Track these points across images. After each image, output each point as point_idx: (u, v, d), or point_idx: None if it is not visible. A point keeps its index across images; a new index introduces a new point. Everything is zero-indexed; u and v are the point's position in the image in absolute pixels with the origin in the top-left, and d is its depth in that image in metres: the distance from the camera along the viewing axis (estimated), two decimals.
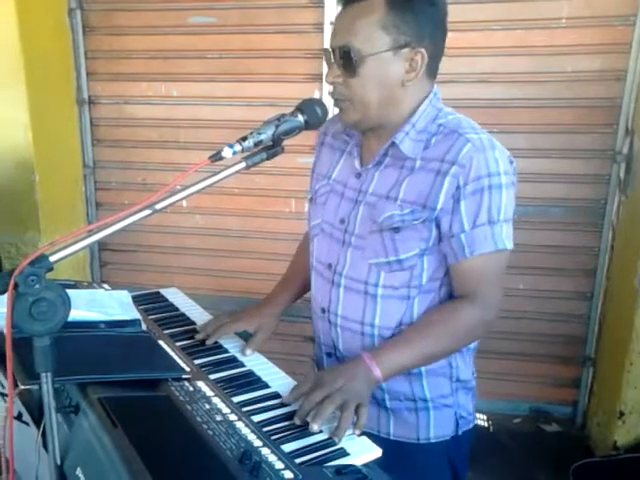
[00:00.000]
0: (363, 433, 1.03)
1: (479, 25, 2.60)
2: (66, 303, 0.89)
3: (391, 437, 1.31)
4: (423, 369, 1.26)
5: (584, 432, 2.84)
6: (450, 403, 1.30)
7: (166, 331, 1.39)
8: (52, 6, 2.86)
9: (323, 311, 1.33)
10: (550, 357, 2.85)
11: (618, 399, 2.48)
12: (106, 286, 1.59)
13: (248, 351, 1.31)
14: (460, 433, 1.32)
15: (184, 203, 3.11)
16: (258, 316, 1.41)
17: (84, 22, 2.97)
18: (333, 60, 1.15)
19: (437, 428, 1.30)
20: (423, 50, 1.15)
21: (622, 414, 2.48)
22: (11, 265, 2.92)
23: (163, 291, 1.67)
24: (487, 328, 1.23)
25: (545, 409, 2.96)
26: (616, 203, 2.65)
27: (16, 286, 0.84)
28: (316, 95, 2.82)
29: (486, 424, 2.78)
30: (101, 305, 1.32)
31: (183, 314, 1.52)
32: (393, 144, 1.21)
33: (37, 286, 0.84)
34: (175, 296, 1.65)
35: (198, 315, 1.52)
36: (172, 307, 1.56)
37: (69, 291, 0.94)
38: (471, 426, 1.35)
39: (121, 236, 3.22)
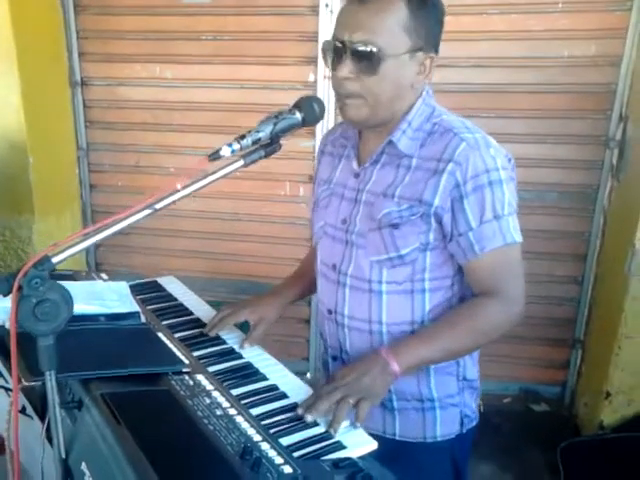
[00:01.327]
0: (369, 434, 1.05)
1: (475, 9, 2.58)
2: (69, 302, 0.90)
3: (397, 437, 1.33)
4: (432, 368, 1.27)
5: (572, 412, 2.91)
6: (456, 402, 1.32)
7: (164, 322, 1.41)
8: None
9: (330, 312, 1.34)
10: (540, 339, 2.90)
11: (605, 380, 2.54)
12: (104, 276, 1.60)
13: (246, 344, 1.33)
14: (465, 431, 1.35)
15: (178, 186, 3.10)
16: (261, 305, 1.42)
17: (75, 1, 2.92)
18: (344, 55, 1.13)
19: (443, 427, 1.32)
20: (433, 54, 1.18)
21: (609, 395, 2.54)
22: (4, 247, 2.93)
23: (160, 280, 1.69)
24: (515, 323, 1.21)
25: (534, 389, 3.02)
26: (608, 189, 2.67)
27: (20, 288, 0.85)
28: (310, 78, 2.81)
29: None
30: (100, 297, 1.33)
31: (181, 304, 1.54)
32: (390, 142, 1.22)
33: (41, 288, 0.86)
34: (172, 285, 1.67)
35: (195, 305, 1.54)
36: (170, 297, 1.58)
37: (68, 283, 0.95)
38: (474, 424, 1.37)
39: None
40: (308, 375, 3.18)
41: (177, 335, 1.35)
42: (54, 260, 0.89)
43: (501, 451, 2.63)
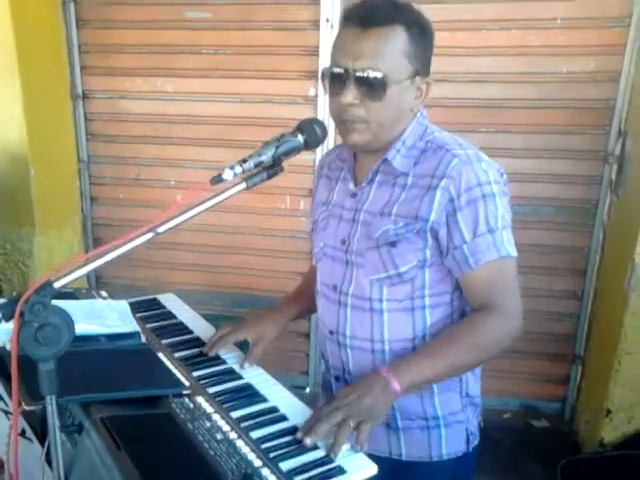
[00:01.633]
0: (374, 456, 1.04)
1: (475, 25, 2.60)
2: (70, 326, 0.90)
3: (403, 458, 1.32)
4: (435, 386, 1.27)
5: (572, 428, 2.90)
6: (461, 419, 1.32)
7: (164, 341, 1.41)
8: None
9: (332, 333, 1.34)
10: (540, 354, 2.89)
11: (606, 397, 2.53)
12: (104, 293, 1.60)
13: (246, 365, 1.32)
14: (471, 450, 1.34)
15: (179, 199, 3.11)
16: (261, 324, 1.42)
17: (77, 15, 2.95)
18: (348, 81, 1.14)
19: (449, 445, 1.31)
20: (429, 79, 1.20)
21: (609, 412, 2.53)
22: (5, 260, 2.93)
23: (160, 297, 1.69)
24: (514, 337, 1.20)
25: (534, 405, 3.01)
26: (607, 204, 2.68)
27: (22, 314, 0.85)
28: (311, 93, 2.82)
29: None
30: (100, 317, 1.33)
31: (181, 322, 1.54)
32: (385, 160, 1.24)
33: (43, 313, 0.86)
34: (172, 302, 1.67)
35: (195, 323, 1.54)
36: (170, 315, 1.58)
37: (68, 302, 0.95)
38: (477, 442, 1.37)
39: (116, 230, 3.23)
40: (307, 389, 3.17)
41: (177, 355, 1.35)
42: (56, 285, 0.89)
43: (501, 467, 2.62)
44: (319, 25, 2.70)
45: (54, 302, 0.88)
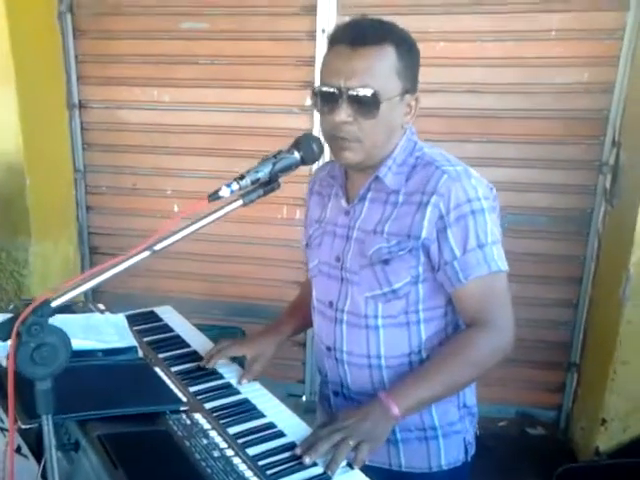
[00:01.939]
0: (374, 468, 1.06)
1: (470, 36, 2.62)
2: (67, 346, 0.90)
3: (403, 469, 1.33)
4: None
5: (568, 436, 2.91)
6: (459, 429, 1.33)
7: (161, 355, 1.41)
8: (42, 10, 2.84)
9: (329, 349, 1.35)
10: (536, 362, 2.90)
11: (601, 406, 2.54)
12: (101, 306, 1.60)
13: (244, 381, 1.33)
14: (469, 459, 1.36)
15: (176, 208, 3.12)
16: (259, 342, 1.42)
17: (74, 25, 2.95)
18: (340, 100, 1.15)
19: (448, 456, 1.32)
20: (418, 95, 1.22)
21: (605, 421, 2.54)
22: (0, 270, 2.92)
23: (157, 310, 1.69)
24: (506, 351, 1.21)
25: (530, 413, 3.02)
26: (602, 213, 2.70)
27: (19, 334, 0.85)
28: (307, 102, 2.83)
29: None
30: (97, 332, 1.33)
31: (178, 336, 1.54)
32: (377, 178, 1.25)
33: (40, 334, 0.86)
34: (169, 315, 1.67)
35: (192, 336, 1.54)
36: (167, 328, 1.58)
37: (65, 317, 0.96)
38: (474, 451, 1.38)
39: (112, 240, 3.24)
40: (304, 398, 3.17)
41: (174, 369, 1.35)
42: (53, 304, 0.89)
43: (497, 475, 2.61)
44: (315, 36, 2.71)
45: (51, 319, 0.88)
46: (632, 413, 2.51)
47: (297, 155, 1.13)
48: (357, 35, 1.15)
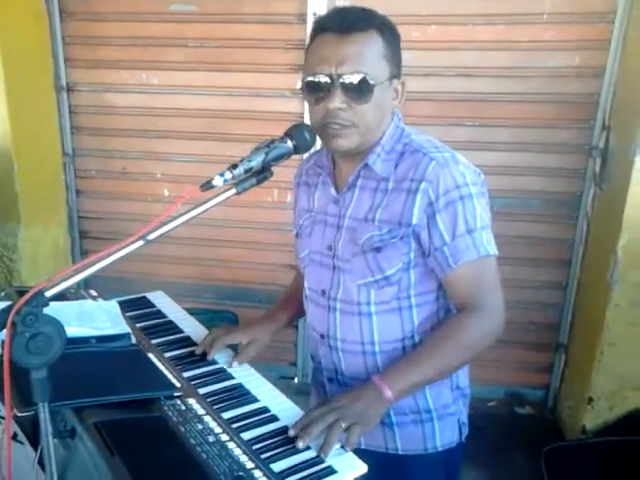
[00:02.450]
0: (371, 452, 1.08)
1: (462, 19, 2.61)
2: (62, 335, 0.91)
3: (399, 452, 1.35)
4: None
5: (555, 415, 2.97)
6: (453, 411, 1.36)
7: (154, 340, 1.42)
8: None
9: (322, 337, 1.36)
10: (525, 343, 2.94)
11: (588, 386, 2.59)
12: (93, 292, 1.60)
13: (235, 363, 1.33)
14: (463, 439, 1.39)
15: (166, 192, 3.11)
16: (254, 329, 1.43)
17: (61, 7, 2.91)
18: (333, 87, 1.15)
19: (443, 437, 1.35)
20: (404, 80, 1.24)
21: (591, 400, 2.59)
22: None
23: (149, 295, 1.69)
24: (496, 335, 1.23)
25: (519, 392, 3.08)
26: (591, 197, 2.72)
27: (13, 324, 0.86)
28: (298, 86, 2.81)
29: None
30: (90, 319, 1.34)
31: (170, 321, 1.54)
32: (366, 165, 1.25)
33: (35, 324, 0.86)
34: (161, 300, 1.67)
35: (185, 322, 1.55)
36: (159, 314, 1.58)
37: (58, 304, 0.96)
38: (467, 431, 1.41)
39: (103, 224, 3.22)
40: (296, 380, 3.20)
41: (167, 355, 1.36)
42: (47, 294, 0.90)
43: (486, 454, 2.67)
44: (306, 19, 2.69)
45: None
46: (618, 392, 2.56)
47: (290, 144, 1.14)
48: (343, 22, 1.16)
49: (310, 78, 1.19)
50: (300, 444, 1.05)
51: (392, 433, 1.34)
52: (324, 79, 1.16)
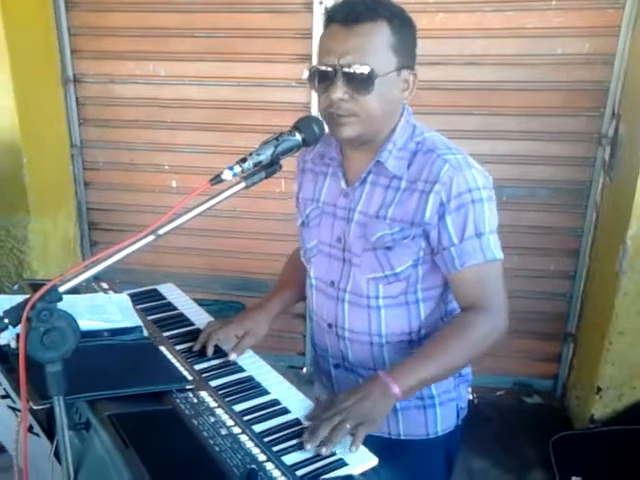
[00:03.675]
0: (373, 436, 1.08)
1: (470, 6, 2.59)
2: (75, 329, 0.92)
3: (402, 437, 1.37)
4: None
5: (564, 404, 2.97)
6: (453, 397, 1.38)
7: (165, 333, 1.43)
8: None
9: (330, 326, 1.38)
10: (533, 333, 2.94)
11: (596, 375, 2.59)
12: (104, 285, 1.61)
13: (233, 356, 1.33)
14: (460, 422, 1.42)
15: (174, 184, 3.11)
16: (248, 320, 1.42)
17: None
18: (335, 78, 1.16)
19: (444, 422, 1.38)
20: (415, 71, 1.23)
21: (600, 389, 2.59)
22: (1, 247, 2.92)
23: (160, 287, 1.70)
24: (501, 335, 1.24)
25: (527, 382, 3.08)
26: (600, 185, 2.71)
27: (29, 319, 0.87)
28: (305, 75, 2.80)
29: (470, 397, 2.91)
30: (102, 311, 1.35)
31: (181, 314, 1.55)
32: (378, 162, 1.26)
33: (50, 319, 0.87)
34: (172, 293, 1.68)
35: (196, 314, 1.56)
36: (170, 306, 1.59)
37: (70, 297, 0.97)
38: (465, 413, 1.44)
39: (111, 215, 3.24)
40: (304, 370, 3.22)
41: (178, 347, 1.37)
42: (61, 289, 0.91)
43: (494, 443, 2.69)
44: (312, 8, 2.68)
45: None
46: (627, 382, 2.56)
47: (299, 137, 1.14)
48: (349, 13, 1.16)
49: (316, 68, 1.20)
50: (308, 447, 1.04)
51: (396, 418, 1.36)
52: (328, 69, 1.17)
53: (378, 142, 1.25)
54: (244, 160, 1.08)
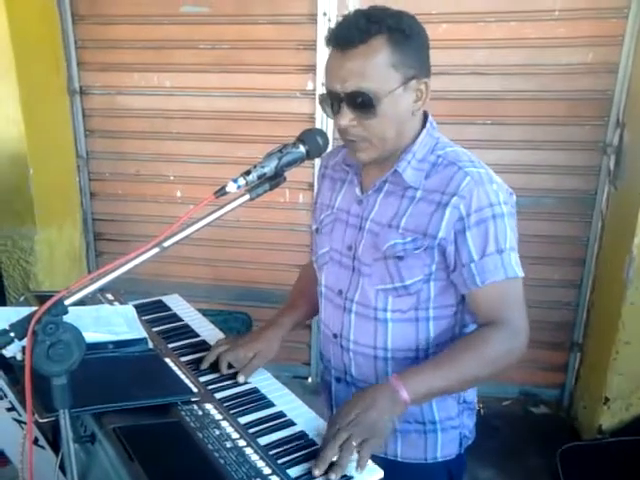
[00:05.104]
0: (373, 456, 1.05)
1: (473, 17, 2.60)
2: (81, 342, 0.92)
3: (398, 459, 1.34)
4: None
5: (571, 415, 2.95)
6: (456, 424, 1.34)
7: (171, 344, 1.43)
8: None
9: (335, 336, 1.36)
10: (540, 342, 2.92)
11: (604, 385, 2.58)
12: (109, 296, 1.62)
13: (241, 378, 1.30)
14: (463, 451, 1.37)
15: (179, 193, 3.13)
16: (257, 341, 1.38)
17: (73, 10, 2.93)
18: (342, 104, 1.15)
19: (444, 449, 1.34)
20: (427, 79, 1.19)
21: (607, 400, 2.57)
22: (7, 258, 2.94)
23: (165, 299, 1.71)
24: (518, 355, 1.20)
25: (534, 392, 3.06)
26: (605, 194, 2.70)
27: (34, 333, 0.87)
28: (309, 87, 2.82)
29: (476, 406, 2.89)
30: (107, 323, 1.35)
31: (187, 325, 1.55)
32: (395, 172, 1.24)
33: (55, 333, 0.87)
34: (177, 304, 1.68)
35: (201, 325, 1.56)
36: (175, 317, 1.59)
37: (75, 309, 0.97)
38: (471, 442, 1.40)
39: (117, 226, 3.25)
40: (309, 380, 3.21)
41: (183, 359, 1.37)
42: (67, 302, 0.91)
43: (501, 453, 2.67)
44: (316, 19, 2.69)
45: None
46: (634, 392, 2.54)
47: (303, 149, 1.13)
48: (343, 37, 1.13)
49: (324, 92, 1.20)
50: (317, 472, 1.01)
51: (394, 440, 1.33)
52: (333, 96, 1.16)
53: (397, 154, 1.24)
54: (248, 172, 1.08)
